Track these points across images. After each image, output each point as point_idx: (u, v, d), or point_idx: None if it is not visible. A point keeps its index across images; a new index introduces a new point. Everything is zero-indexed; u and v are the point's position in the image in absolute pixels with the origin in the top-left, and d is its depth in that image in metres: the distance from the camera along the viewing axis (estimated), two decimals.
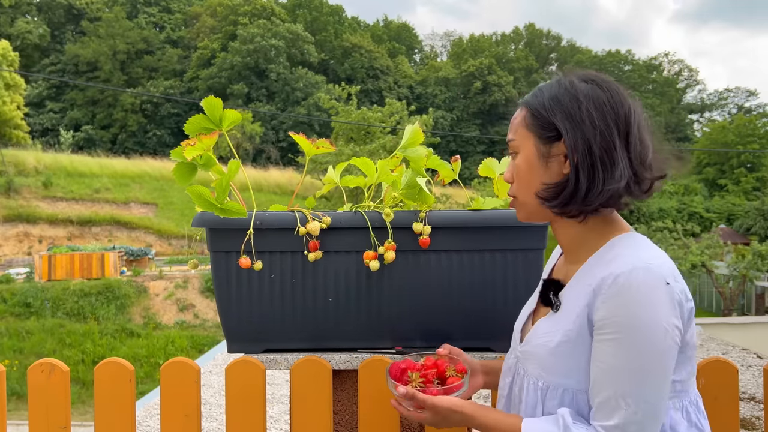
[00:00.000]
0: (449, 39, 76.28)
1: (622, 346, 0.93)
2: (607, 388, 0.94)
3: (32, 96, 48.23)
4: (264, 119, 48.12)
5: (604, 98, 1.02)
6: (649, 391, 0.93)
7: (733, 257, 22.32)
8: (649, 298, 0.93)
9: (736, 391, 1.37)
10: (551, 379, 1.02)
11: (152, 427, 4.26)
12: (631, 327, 0.93)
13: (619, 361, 0.94)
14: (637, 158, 1.01)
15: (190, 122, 1.32)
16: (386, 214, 1.37)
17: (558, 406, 1.01)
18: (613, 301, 0.95)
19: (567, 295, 1.06)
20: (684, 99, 67.21)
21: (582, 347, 0.99)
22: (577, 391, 1.00)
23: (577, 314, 1.00)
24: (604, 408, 0.95)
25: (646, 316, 0.93)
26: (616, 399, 0.93)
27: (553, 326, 1.04)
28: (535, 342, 1.07)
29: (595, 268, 1.02)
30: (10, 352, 15.70)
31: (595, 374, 0.97)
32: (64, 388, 1.44)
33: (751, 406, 4.21)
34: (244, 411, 1.40)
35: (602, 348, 0.96)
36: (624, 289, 0.94)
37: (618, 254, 1.00)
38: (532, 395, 1.06)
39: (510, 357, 1.18)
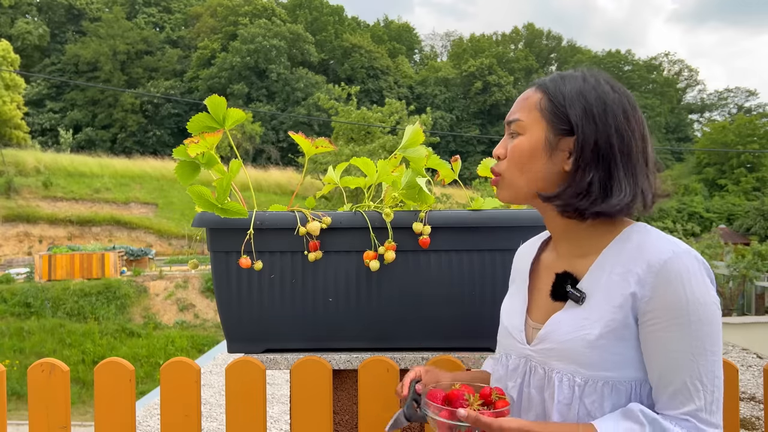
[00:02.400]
0: (449, 39, 76.32)
1: (687, 331, 0.94)
2: (681, 374, 0.94)
3: (32, 96, 48.24)
4: (264, 119, 48.12)
5: (628, 108, 1.01)
6: (717, 367, 0.95)
7: (733, 257, 22.32)
8: (698, 279, 0.95)
9: (736, 391, 1.37)
10: (590, 373, 0.98)
11: (152, 427, 4.26)
12: (689, 310, 0.94)
13: (687, 346, 0.94)
14: (653, 178, 1.02)
15: (193, 120, 1.32)
16: (386, 214, 1.37)
17: (598, 401, 0.98)
18: (664, 287, 0.95)
19: (592, 287, 1.02)
20: (684, 99, 67.21)
21: (627, 337, 0.98)
22: (617, 382, 0.98)
23: (619, 304, 0.98)
24: (680, 395, 0.94)
25: (702, 297, 0.94)
26: (693, 383, 0.93)
27: (587, 318, 1.00)
28: (564, 338, 1.02)
29: (620, 256, 1.01)
30: (11, 352, 15.70)
31: (661, 363, 0.95)
32: (64, 388, 1.44)
33: (751, 406, 4.21)
34: (244, 411, 1.40)
35: (665, 336, 0.95)
36: (673, 274, 0.95)
37: (644, 242, 1.00)
38: (567, 392, 1.01)
39: (509, 359, 1.13)
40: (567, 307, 1.04)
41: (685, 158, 55.70)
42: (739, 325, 9.97)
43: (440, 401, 1.04)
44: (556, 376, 1.02)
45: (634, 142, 1.00)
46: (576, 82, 1.03)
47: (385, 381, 1.39)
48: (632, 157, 1.00)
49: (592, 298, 1.01)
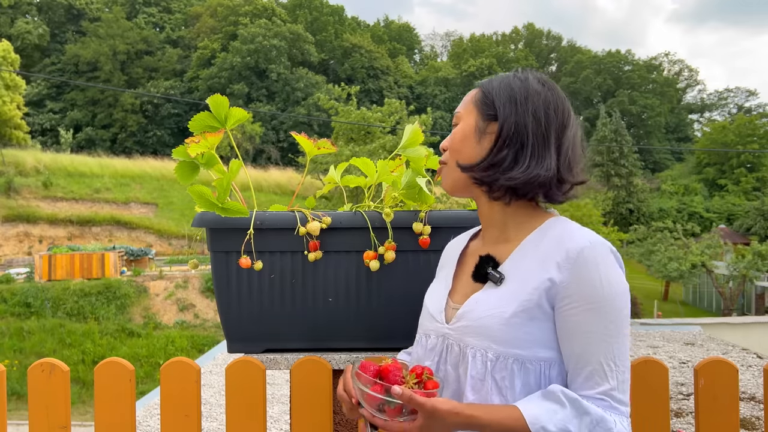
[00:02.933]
0: (449, 39, 76.33)
1: (602, 314, 1.00)
2: (597, 355, 0.99)
3: (32, 96, 48.24)
4: (264, 119, 48.13)
5: (551, 99, 1.10)
6: (626, 348, 1.02)
7: (733, 257, 22.33)
8: (610, 266, 1.02)
9: (736, 391, 1.37)
10: (502, 350, 1.02)
11: (152, 427, 4.27)
12: (603, 295, 1.00)
13: (602, 328, 0.99)
14: (565, 161, 1.09)
15: (195, 120, 1.32)
16: (386, 214, 1.37)
17: (508, 377, 1.02)
18: (581, 273, 1.01)
19: (511, 270, 1.08)
20: (684, 99, 67.20)
21: (539, 317, 1.02)
22: (526, 360, 1.02)
23: (535, 286, 1.03)
24: (596, 376, 0.99)
25: (614, 283, 1.01)
26: (607, 363, 0.99)
27: (503, 298, 1.05)
28: (480, 315, 1.06)
29: (542, 244, 1.07)
30: (11, 352, 15.70)
31: (577, 346, 1.01)
32: (64, 388, 1.44)
33: (751, 406, 4.21)
34: (244, 411, 1.40)
35: (579, 319, 1.00)
36: (589, 261, 1.01)
37: (564, 232, 1.07)
38: (479, 367, 1.04)
39: (428, 339, 1.15)
40: (486, 288, 1.10)
41: (685, 158, 55.70)
42: (739, 325, 9.96)
43: (372, 374, 1.02)
44: (470, 352, 1.06)
45: (549, 130, 1.09)
46: (507, 77, 1.14)
47: None
48: (545, 141, 1.08)
49: (510, 280, 1.07)
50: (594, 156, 45.58)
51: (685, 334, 7.41)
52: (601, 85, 61.24)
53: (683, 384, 4.83)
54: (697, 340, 6.90)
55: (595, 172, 43.89)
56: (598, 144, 44.72)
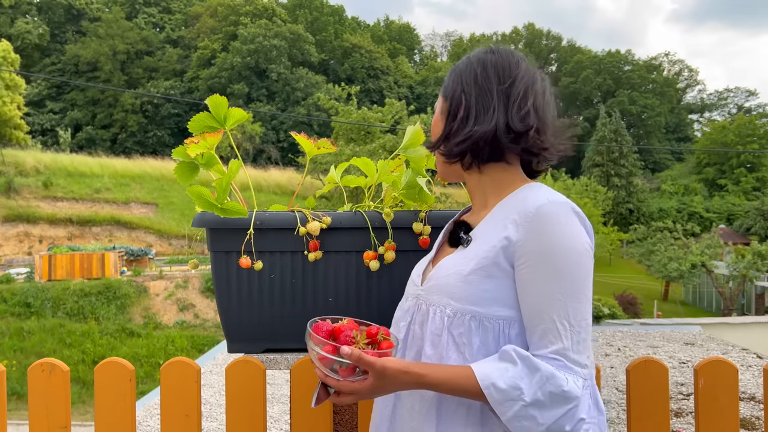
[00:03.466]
0: (449, 39, 76.34)
1: (555, 271, 0.98)
2: (549, 313, 0.98)
3: (32, 96, 48.23)
4: (264, 119, 48.12)
5: (494, 61, 1.13)
6: (584, 308, 0.99)
7: (733, 257, 22.32)
8: (569, 224, 1.01)
9: (736, 391, 1.37)
10: (459, 306, 1.03)
11: (152, 427, 4.27)
12: (558, 252, 0.98)
13: (555, 286, 0.98)
14: (515, 115, 1.08)
15: (194, 120, 1.32)
16: (386, 214, 1.37)
17: (465, 333, 1.02)
18: (536, 230, 1.00)
19: (478, 233, 1.10)
20: (684, 99, 67.18)
21: (497, 276, 1.03)
22: (484, 318, 1.02)
23: (492, 244, 1.04)
24: (549, 334, 0.98)
25: (571, 240, 1.00)
26: (561, 322, 0.97)
27: (465, 257, 1.07)
28: (443, 273, 1.09)
29: (507, 207, 1.09)
30: (11, 352, 15.70)
31: (531, 304, 1.00)
32: (64, 388, 1.44)
33: (751, 406, 4.22)
34: (244, 411, 1.40)
35: (533, 276, 0.99)
36: (545, 218, 1.00)
37: (528, 194, 1.08)
38: (438, 323, 1.06)
39: (406, 302, 1.19)
40: (456, 251, 1.13)
41: (685, 158, 55.69)
42: (739, 325, 9.96)
43: (324, 335, 1.02)
44: (431, 309, 1.08)
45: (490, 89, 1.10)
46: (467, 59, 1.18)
47: None
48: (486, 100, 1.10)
49: (475, 241, 1.09)
50: (594, 156, 45.62)
51: (685, 334, 7.41)
52: (601, 85, 61.22)
53: (683, 384, 4.83)
54: (697, 340, 6.90)
55: (595, 172, 43.91)
56: (598, 144, 44.71)
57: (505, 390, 0.94)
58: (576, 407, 0.96)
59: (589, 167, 45.43)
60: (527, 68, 1.14)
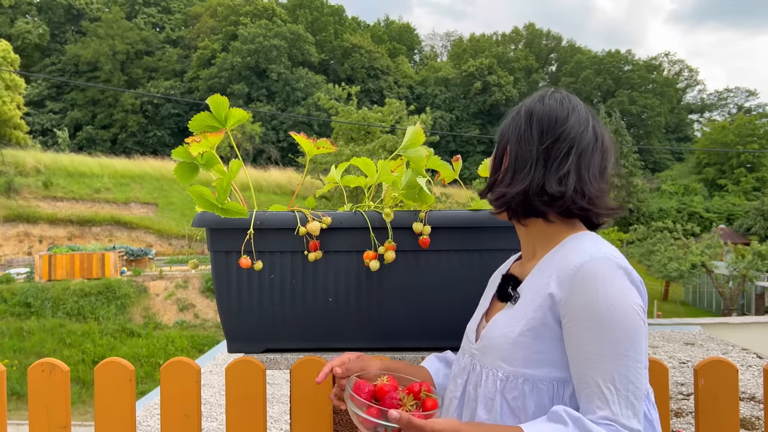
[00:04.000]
0: (449, 39, 76.30)
1: (599, 332, 0.94)
2: (594, 376, 0.94)
3: (32, 96, 48.23)
4: (264, 119, 48.11)
5: (540, 114, 1.09)
6: (632, 372, 0.94)
7: (733, 257, 22.31)
8: (615, 282, 0.96)
9: (736, 391, 1.37)
10: (511, 369, 1.01)
11: (152, 427, 4.27)
12: (600, 312, 0.94)
13: (599, 348, 0.94)
14: (554, 175, 1.05)
15: (195, 120, 1.32)
16: (386, 214, 1.37)
17: (519, 397, 1.00)
18: (578, 289, 0.97)
19: (525, 288, 1.07)
20: (684, 99, 67.17)
21: (546, 336, 1.00)
22: (537, 381, 1.00)
23: (539, 304, 1.01)
24: (596, 398, 0.94)
25: (614, 299, 0.95)
26: (606, 386, 0.93)
27: (513, 317, 1.05)
28: (494, 334, 1.07)
29: (552, 260, 1.06)
30: (11, 352, 15.70)
31: (576, 366, 0.97)
32: (64, 388, 1.44)
33: (751, 406, 4.21)
34: (244, 411, 1.40)
35: (576, 338, 0.97)
36: (587, 276, 0.97)
37: (574, 247, 1.04)
38: (490, 386, 1.04)
39: (463, 357, 1.16)
40: (506, 308, 1.10)
41: (685, 158, 55.69)
42: (739, 325, 9.96)
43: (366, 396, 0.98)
44: (484, 372, 1.07)
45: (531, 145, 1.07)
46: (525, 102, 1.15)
47: None
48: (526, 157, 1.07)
49: (524, 298, 1.06)
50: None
51: (685, 334, 7.41)
52: (601, 85, 61.21)
53: (683, 384, 4.83)
54: (697, 340, 6.90)
55: None
56: None
57: None
58: None
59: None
60: (578, 121, 1.08)
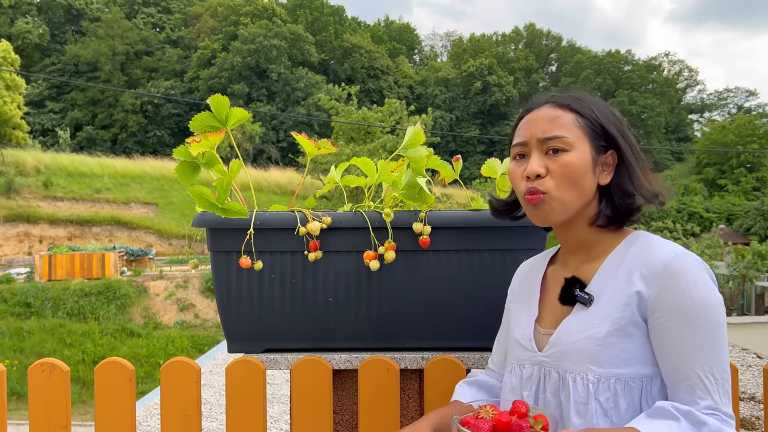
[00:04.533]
0: (449, 39, 76.29)
1: (696, 327, 0.98)
2: (695, 368, 0.97)
3: (32, 96, 48.23)
4: (264, 119, 48.12)
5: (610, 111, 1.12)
6: (725, 361, 0.99)
7: (732, 257, 22.31)
8: (703, 278, 1.01)
9: (736, 391, 1.37)
10: (602, 371, 1.02)
11: (152, 427, 4.27)
12: (695, 306, 0.98)
13: (698, 341, 0.98)
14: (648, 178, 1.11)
15: (195, 119, 1.32)
16: (386, 214, 1.37)
17: (612, 398, 1.01)
18: (669, 285, 1.00)
19: (599, 289, 1.07)
20: (684, 99, 67.18)
21: (635, 334, 1.02)
22: (628, 379, 1.01)
23: (625, 303, 1.02)
24: (697, 389, 0.97)
25: (705, 293, 0.99)
26: (707, 377, 0.97)
27: (594, 318, 1.05)
28: (575, 338, 1.05)
29: (624, 259, 1.07)
30: (11, 352, 15.70)
31: (673, 360, 0.99)
32: (65, 388, 1.44)
33: (751, 406, 4.21)
34: (244, 411, 1.40)
35: (672, 332, 0.99)
36: (677, 272, 1.00)
37: (648, 245, 1.06)
38: (581, 391, 1.03)
39: (523, 369, 1.14)
40: (576, 311, 1.09)
41: (685, 158, 55.69)
42: (739, 325, 9.96)
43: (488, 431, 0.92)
44: (570, 377, 1.05)
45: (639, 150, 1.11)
46: (596, 101, 1.12)
47: (385, 381, 1.39)
48: (640, 163, 1.10)
49: (599, 299, 1.06)
50: None
51: None
52: (601, 85, 61.22)
53: None
54: None
55: None
56: None
57: None
58: None
59: None
60: None
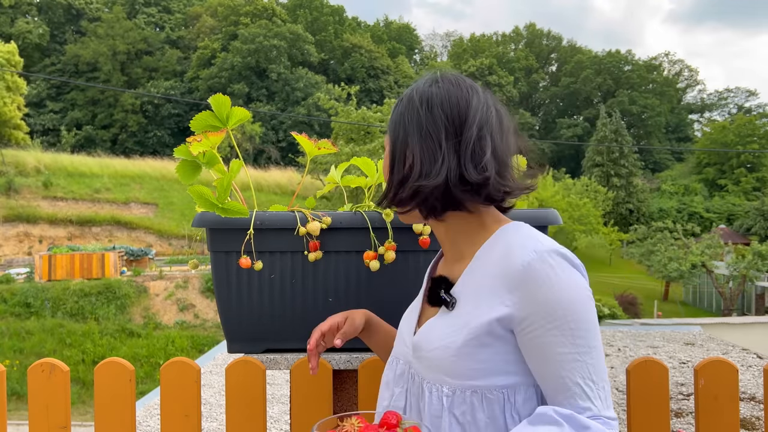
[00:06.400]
0: (450, 39, 76.31)
1: (567, 333, 0.90)
2: (573, 377, 0.90)
3: (32, 96, 48.22)
4: (264, 119, 48.12)
5: (440, 97, 0.98)
6: (600, 360, 0.92)
7: (733, 257, 22.34)
8: (567, 276, 0.92)
9: (736, 391, 1.37)
10: (458, 383, 0.95)
11: (152, 427, 4.27)
12: (564, 312, 0.90)
13: (571, 348, 0.90)
14: (470, 162, 0.96)
15: (196, 119, 1.32)
16: (386, 214, 1.36)
17: (469, 412, 0.94)
18: (533, 292, 0.91)
19: (461, 292, 1.00)
20: (684, 99, 67.18)
21: (492, 344, 0.94)
22: (486, 391, 0.94)
23: (484, 311, 0.94)
24: (577, 398, 0.90)
25: (571, 293, 0.91)
26: (586, 383, 0.90)
27: (453, 326, 0.97)
28: (432, 345, 0.99)
29: (488, 259, 0.99)
30: (10, 352, 15.70)
31: (548, 371, 0.92)
32: (64, 388, 1.44)
33: (751, 406, 4.21)
34: (244, 411, 1.40)
35: (543, 342, 0.91)
36: (538, 276, 0.91)
37: (512, 243, 0.97)
38: (436, 404, 0.96)
39: (398, 364, 1.09)
40: (440, 313, 1.02)
41: (685, 158, 55.70)
42: (739, 325, 9.97)
43: None
44: (426, 387, 0.99)
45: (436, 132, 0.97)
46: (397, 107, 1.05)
47: None
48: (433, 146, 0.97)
49: (462, 303, 0.99)
50: (594, 156, 45.66)
51: (685, 334, 7.41)
52: (601, 85, 61.22)
53: (683, 384, 4.83)
54: (697, 340, 6.90)
55: (595, 172, 43.95)
56: (598, 144, 44.73)
57: None
58: None
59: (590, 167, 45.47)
60: (479, 100, 0.99)
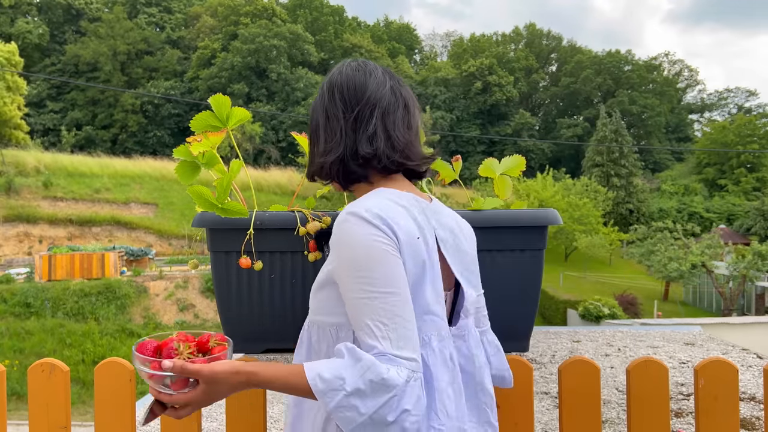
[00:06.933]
0: (449, 39, 76.30)
1: (357, 278, 1.00)
2: (364, 317, 0.98)
3: (33, 96, 48.22)
4: (264, 119, 48.13)
5: (341, 83, 1.16)
6: (395, 304, 0.98)
7: (733, 257, 22.34)
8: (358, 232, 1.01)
9: (736, 391, 1.37)
10: (313, 317, 1.12)
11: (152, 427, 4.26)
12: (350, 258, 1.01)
13: (361, 292, 0.99)
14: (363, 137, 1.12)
15: (196, 119, 1.32)
16: None
17: (316, 341, 1.10)
18: (335, 243, 1.04)
19: None
20: (684, 99, 67.17)
21: (327, 287, 1.08)
22: (324, 325, 1.09)
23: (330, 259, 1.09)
24: (369, 338, 0.97)
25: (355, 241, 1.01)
26: (375, 324, 0.97)
27: (321, 271, 1.12)
28: None
29: None
30: (10, 352, 15.70)
31: (350, 313, 1.02)
32: (64, 388, 1.44)
33: (751, 406, 4.21)
34: (244, 411, 1.40)
35: (345, 286, 1.02)
36: (342, 231, 1.03)
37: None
38: (304, 333, 1.14)
39: None
40: None
41: (685, 158, 55.72)
42: (739, 325, 9.97)
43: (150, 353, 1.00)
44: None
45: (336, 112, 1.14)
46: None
47: None
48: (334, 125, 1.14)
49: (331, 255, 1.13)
50: (594, 156, 45.66)
51: (685, 334, 7.40)
52: (601, 85, 61.21)
53: (683, 384, 4.83)
54: (697, 340, 6.89)
55: (595, 172, 43.94)
56: (598, 144, 44.73)
57: (329, 380, 0.93)
58: (397, 397, 0.93)
59: (590, 167, 45.45)
60: (377, 84, 1.16)
